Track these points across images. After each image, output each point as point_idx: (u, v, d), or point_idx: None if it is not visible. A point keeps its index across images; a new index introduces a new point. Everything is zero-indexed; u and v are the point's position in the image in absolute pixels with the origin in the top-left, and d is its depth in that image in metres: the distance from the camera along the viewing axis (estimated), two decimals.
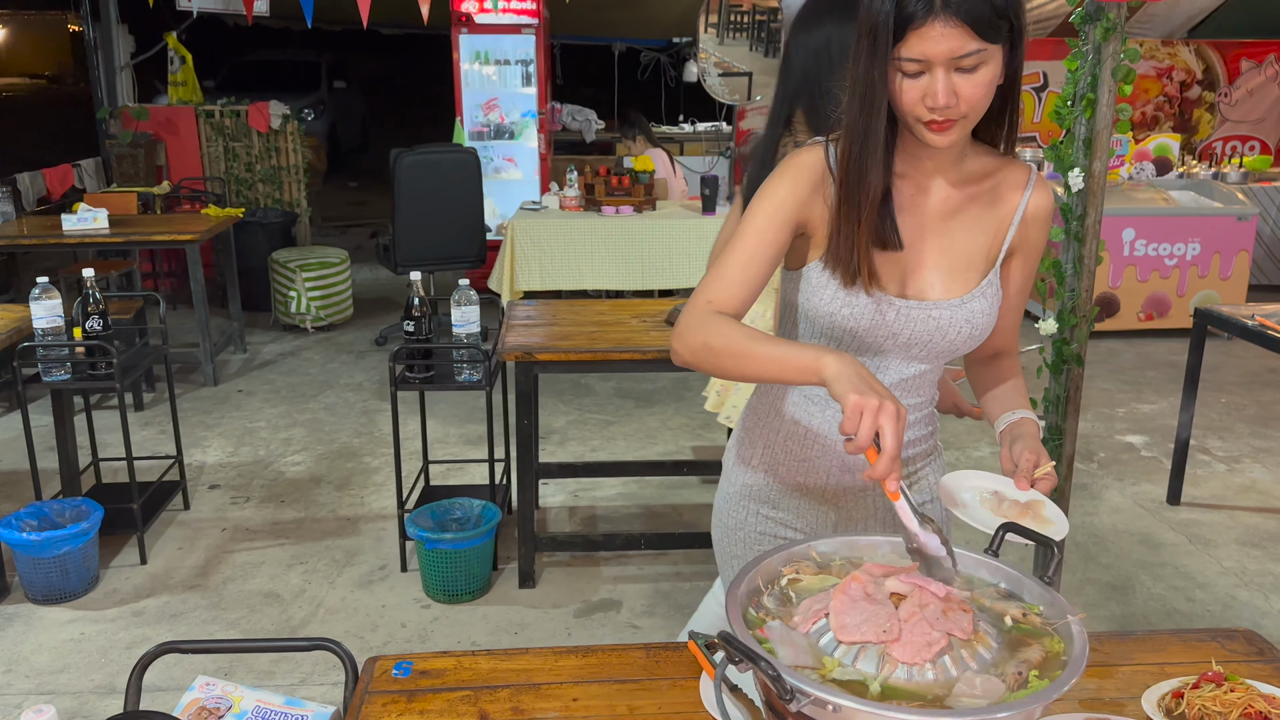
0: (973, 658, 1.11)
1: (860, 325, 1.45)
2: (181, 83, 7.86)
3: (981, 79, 1.29)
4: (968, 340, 1.48)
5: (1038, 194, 1.51)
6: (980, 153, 1.48)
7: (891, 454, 1.17)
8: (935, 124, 1.32)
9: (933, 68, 1.27)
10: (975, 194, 1.48)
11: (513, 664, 1.53)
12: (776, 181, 1.46)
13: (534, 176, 7.28)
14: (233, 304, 6.04)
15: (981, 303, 1.47)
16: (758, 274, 1.43)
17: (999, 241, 1.50)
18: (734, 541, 1.67)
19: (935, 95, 1.28)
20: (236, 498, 4.13)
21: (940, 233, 1.47)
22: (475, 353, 3.37)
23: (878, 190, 1.38)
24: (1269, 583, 3.51)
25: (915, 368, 1.51)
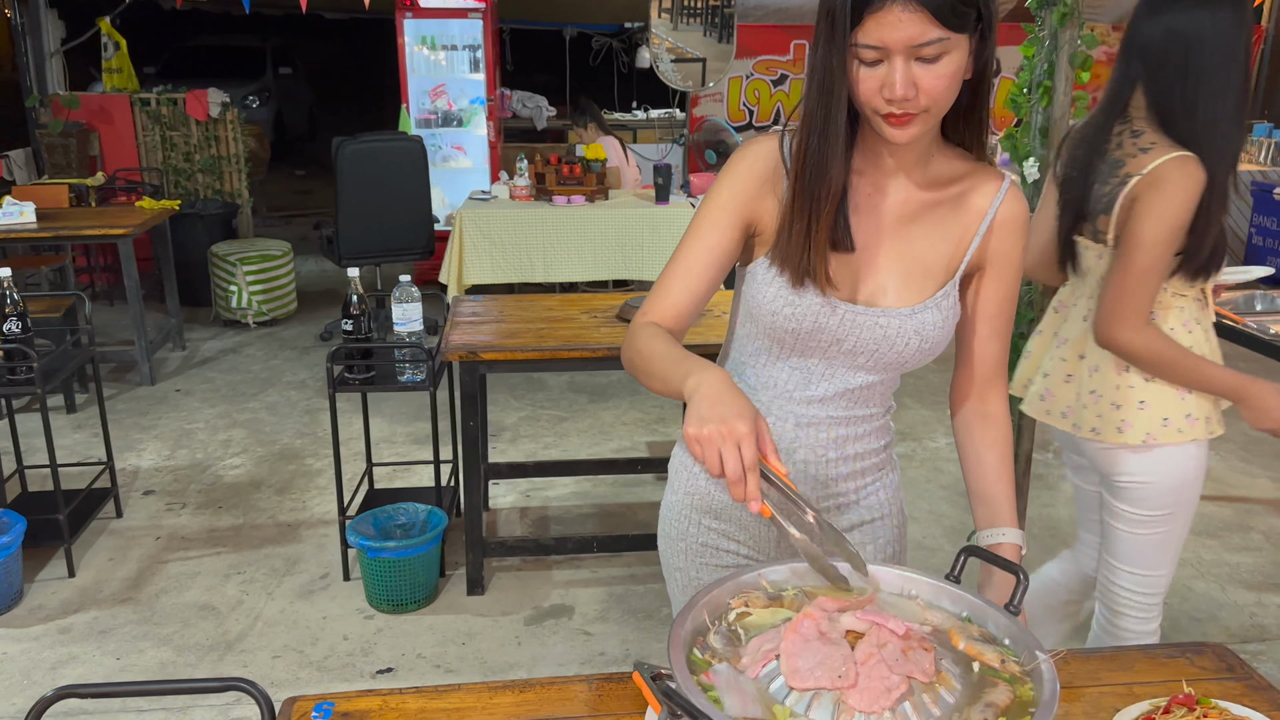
0: (935, 702, 1.02)
1: (803, 327, 1.36)
2: (116, 69, 7.59)
3: (944, 70, 1.20)
4: (917, 353, 1.38)
5: (1009, 202, 1.40)
6: (949, 155, 1.39)
7: (734, 478, 1.09)
8: (894, 117, 1.23)
9: (891, 56, 1.18)
10: (939, 199, 1.38)
11: (444, 702, 1.42)
12: (722, 180, 1.38)
13: (484, 165, 7.12)
14: (170, 299, 5.84)
15: (935, 314, 1.37)
16: (700, 282, 1.37)
17: (961, 251, 1.39)
18: (677, 553, 1.58)
19: (893, 86, 1.19)
20: (172, 504, 3.97)
21: (898, 237, 1.38)
22: (418, 352, 3.24)
23: (837, 186, 1.29)
24: (1225, 573, 3.50)
25: (863, 378, 1.41)
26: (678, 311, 1.37)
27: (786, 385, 1.43)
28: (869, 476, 1.52)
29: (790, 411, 1.44)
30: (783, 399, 1.44)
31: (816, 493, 1.48)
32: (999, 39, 1.34)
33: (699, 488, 1.52)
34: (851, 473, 1.49)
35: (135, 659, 2.99)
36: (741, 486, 1.09)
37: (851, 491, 1.51)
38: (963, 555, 1.26)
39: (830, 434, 1.45)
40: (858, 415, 1.46)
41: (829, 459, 1.47)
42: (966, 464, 1.51)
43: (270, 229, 8.77)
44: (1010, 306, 1.46)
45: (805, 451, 1.46)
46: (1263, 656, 3.02)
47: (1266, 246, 7.28)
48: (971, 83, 1.27)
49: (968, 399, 1.51)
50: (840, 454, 1.47)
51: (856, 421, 1.46)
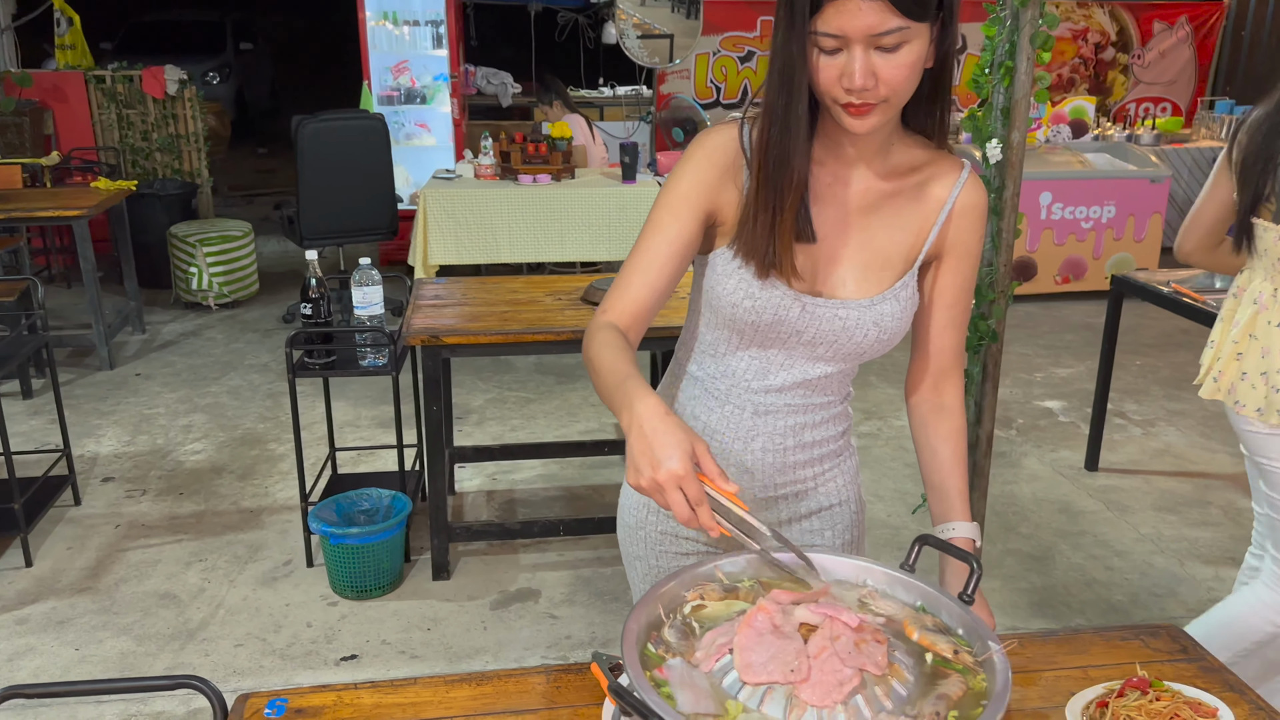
0: (887, 695, 1.01)
1: (763, 320, 1.35)
2: (70, 46, 7.43)
3: (904, 60, 1.18)
4: (875, 344, 1.38)
5: (968, 191, 1.39)
6: (911, 144, 1.37)
7: (684, 520, 1.10)
8: (853, 107, 1.21)
9: (850, 45, 1.17)
10: (900, 188, 1.37)
11: (399, 697, 1.40)
12: (680, 170, 1.36)
13: (448, 143, 7.04)
14: (129, 282, 5.73)
15: (893, 305, 1.37)
16: (661, 275, 1.35)
17: (920, 241, 1.39)
18: (636, 541, 1.57)
19: (852, 75, 1.17)
20: (132, 491, 3.91)
21: (858, 227, 1.37)
22: (379, 336, 3.20)
23: (801, 176, 1.28)
24: (1184, 548, 3.55)
25: (822, 368, 1.41)
26: (638, 307, 1.36)
27: (745, 374, 1.43)
28: (827, 464, 1.51)
29: (748, 400, 1.44)
30: (740, 388, 1.43)
31: (775, 480, 1.48)
32: (964, 15, 1.33)
33: None
34: (809, 460, 1.49)
35: (95, 649, 2.96)
36: (694, 523, 1.10)
37: (810, 479, 1.50)
38: (917, 545, 1.26)
39: (788, 422, 1.45)
40: (816, 404, 1.45)
41: (787, 446, 1.46)
42: (922, 456, 1.51)
43: (231, 209, 8.64)
44: (968, 296, 1.45)
45: (763, 439, 1.45)
46: None
47: None
48: (933, 71, 1.26)
49: (922, 388, 1.51)
50: (798, 441, 1.46)
51: (814, 409, 1.46)
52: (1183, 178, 7.48)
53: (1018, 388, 5.07)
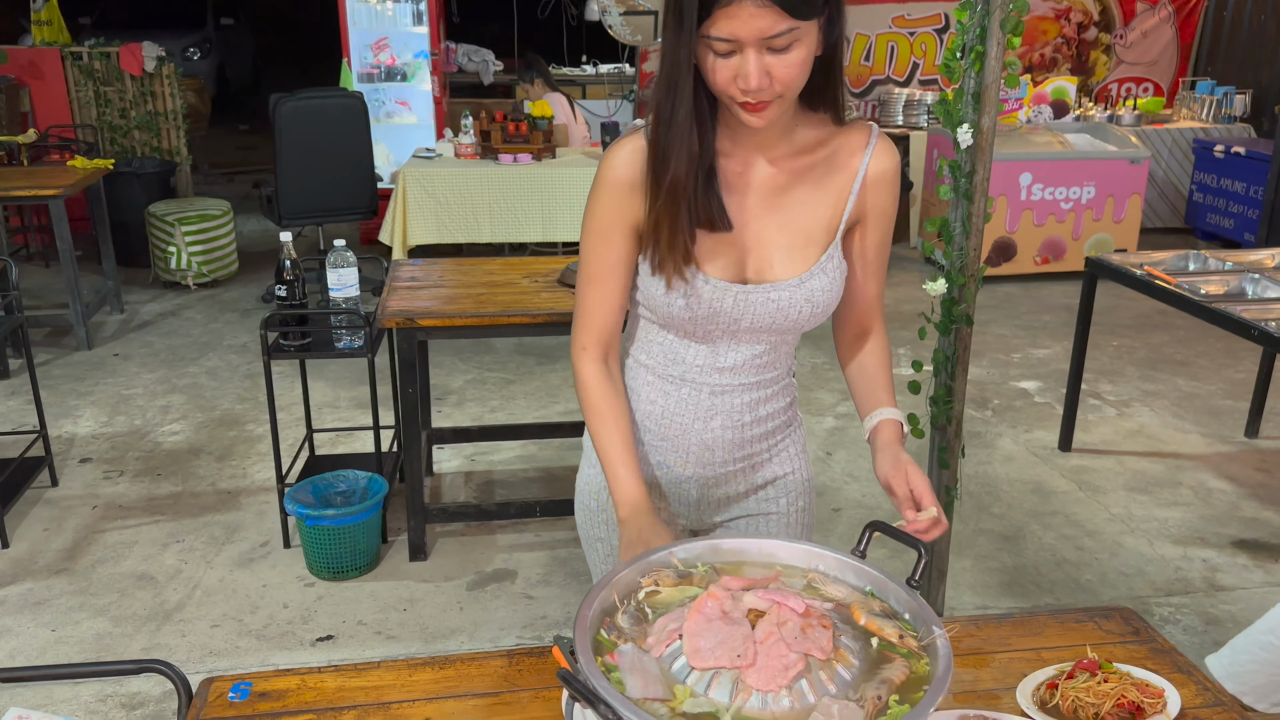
0: (832, 679, 1.03)
1: (699, 315, 1.41)
2: (46, 22, 7.35)
3: (795, 58, 1.22)
4: (810, 318, 1.43)
5: (879, 155, 1.43)
6: (813, 121, 1.41)
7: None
8: (750, 105, 1.25)
9: (744, 48, 1.20)
10: (810, 164, 1.41)
11: (363, 680, 1.42)
12: (594, 196, 1.43)
13: (429, 121, 7.01)
14: (106, 261, 5.70)
15: (821, 279, 1.42)
16: (617, 293, 1.45)
17: (839, 212, 1.43)
18: (598, 524, 1.60)
19: (747, 77, 1.21)
20: (109, 472, 3.91)
21: (775, 209, 1.41)
22: (354, 318, 3.20)
23: (685, 172, 1.32)
24: (1154, 528, 3.59)
25: (763, 344, 1.47)
26: (606, 325, 1.46)
27: (695, 361, 1.48)
28: (779, 435, 1.58)
29: (704, 382, 1.49)
30: (694, 372, 1.49)
31: (734, 455, 1.54)
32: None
33: None
34: (764, 433, 1.55)
35: (71, 630, 2.97)
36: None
37: (765, 451, 1.57)
38: (868, 531, 1.28)
39: (744, 399, 1.51)
40: (766, 379, 1.52)
41: (744, 422, 1.52)
42: (850, 375, 1.59)
43: (212, 187, 8.59)
44: (885, 249, 1.52)
45: (722, 417, 1.51)
46: (1185, 609, 3.12)
47: (1206, 203, 7.40)
48: (823, 59, 1.29)
49: (849, 333, 1.58)
50: (754, 416, 1.53)
51: (765, 385, 1.52)
52: (1163, 158, 7.52)
53: (995, 368, 5.10)
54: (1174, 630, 3.00)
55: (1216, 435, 4.34)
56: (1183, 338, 5.49)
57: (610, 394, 1.46)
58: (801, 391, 4.69)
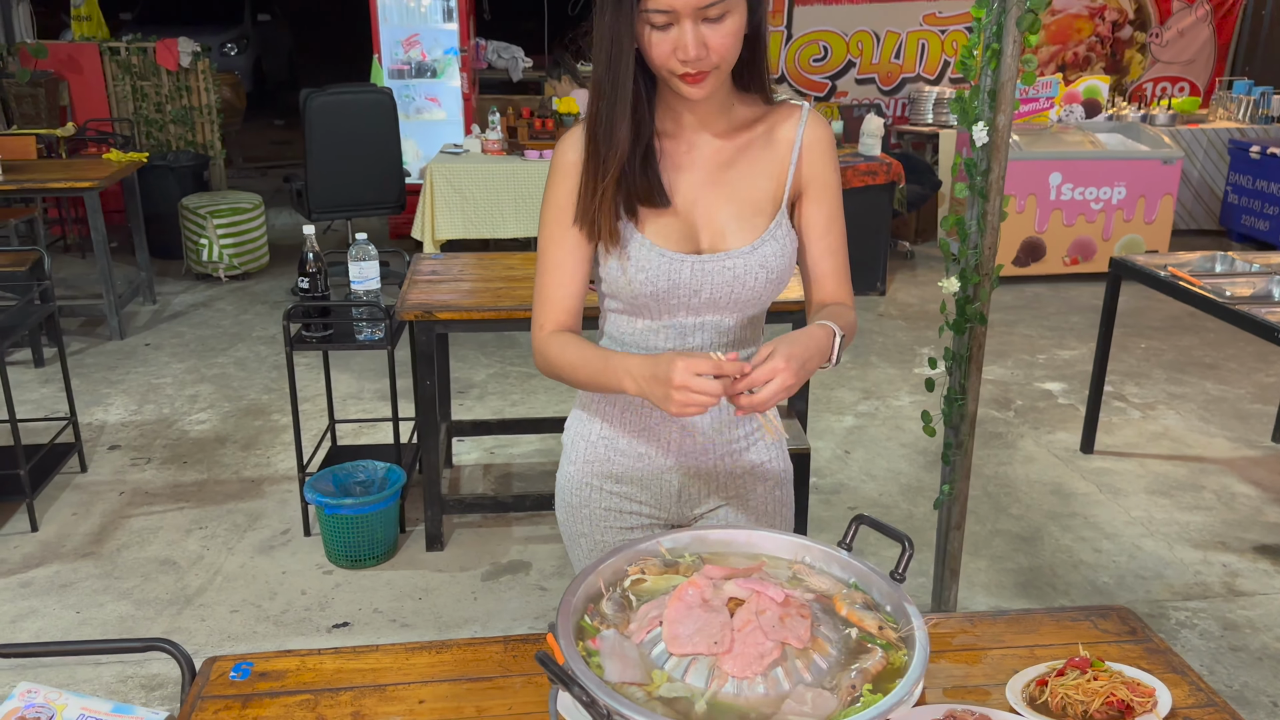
0: (807, 668, 1.05)
1: (659, 288, 1.44)
2: (85, 17, 7.49)
3: (729, 28, 1.30)
4: (766, 285, 1.46)
5: (811, 126, 1.49)
6: (747, 101, 1.48)
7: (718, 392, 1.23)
8: (690, 76, 1.32)
9: (680, 19, 1.27)
10: (749, 140, 1.48)
11: (360, 663, 1.45)
12: (549, 186, 1.48)
13: (458, 117, 7.06)
14: (140, 253, 5.80)
15: (773, 245, 1.46)
16: (574, 279, 1.48)
17: (782, 183, 1.49)
18: (580, 520, 1.61)
19: (686, 47, 1.28)
20: (137, 459, 3.99)
21: (721, 183, 1.46)
22: (375, 311, 3.24)
23: (625, 145, 1.38)
24: (1174, 532, 3.56)
25: (730, 319, 1.49)
26: (563, 309, 1.48)
27: (665, 345, 1.50)
28: (756, 421, 1.59)
29: None
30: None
31: (714, 440, 1.55)
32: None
33: (598, 454, 1.57)
34: (742, 419, 1.56)
35: (95, 613, 3.03)
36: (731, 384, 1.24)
37: (742, 437, 1.58)
38: (854, 524, 1.29)
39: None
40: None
41: (721, 405, 1.52)
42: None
43: (246, 180, 8.70)
44: (837, 224, 1.54)
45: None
46: (1203, 614, 3.09)
47: (1242, 205, 7.29)
48: (749, 38, 1.37)
49: (814, 307, 1.57)
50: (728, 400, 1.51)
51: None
52: (1197, 159, 7.41)
53: (1019, 369, 5.07)
54: (1190, 635, 2.98)
55: (1243, 439, 4.28)
56: (1212, 340, 5.42)
57: (577, 337, 1.47)
58: (821, 390, 4.69)
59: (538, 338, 1.49)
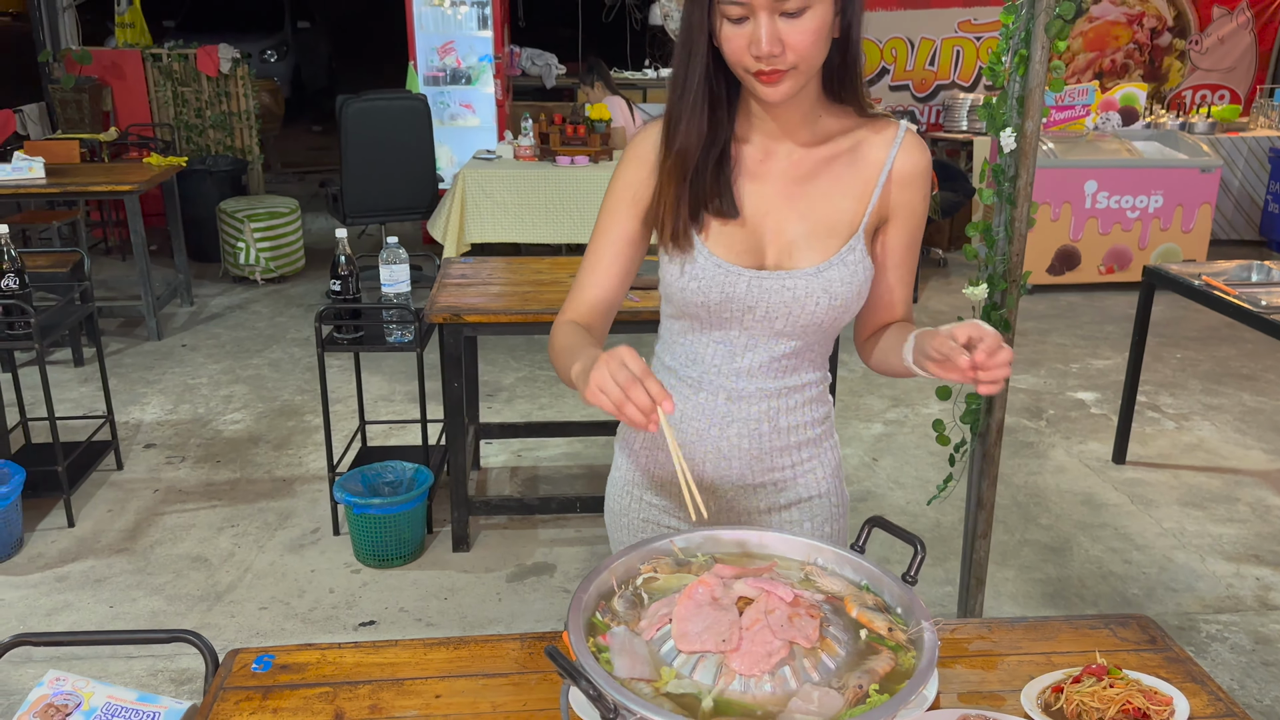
0: (815, 667, 1.05)
1: (711, 299, 1.37)
2: (129, 24, 7.63)
3: (808, 25, 1.21)
4: (829, 312, 1.37)
5: (906, 152, 1.39)
6: (838, 113, 1.39)
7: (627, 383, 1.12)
8: (764, 75, 1.24)
9: (755, 12, 1.21)
10: (833, 155, 1.39)
11: (379, 657, 1.47)
12: (617, 172, 1.43)
13: (492, 123, 7.12)
14: (178, 255, 5.90)
15: (841, 270, 1.36)
16: (610, 275, 1.43)
17: (864, 204, 1.39)
18: (621, 527, 1.61)
19: (759, 42, 1.21)
20: (171, 457, 4.06)
21: (797, 198, 1.38)
22: (405, 313, 3.28)
23: (695, 141, 1.32)
24: (1206, 544, 3.51)
25: (787, 344, 1.41)
26: (591, 306, 1.43)
27: (713, 360, 1.44)
28: (805, 452, 1.50)
29: (720, 386, 1.45)
30: (712, 373, 1.45)
31: (753, 468, 1.48)
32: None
33: (641, 464, 1.55)
34: (786, 446, 1.48)
35: (128, 607, 3.09)
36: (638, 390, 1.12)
37: (787, 467, 1.50)
38: (867, 526, 1.30)
39: (762, 407, 1.45)
40: (789, 386, 1.45)
41: (762, 432, 1.46)
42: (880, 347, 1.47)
43: (284, 185, 8.82)
44: (914, 250, 1.46)
45: (739, 425, 1.45)
46: (1234, 627, 3.04)
47: None
48: (840, 42, 1.29)
49: (867, 329, 1.51)
50: (774, 426, 1.46)
51: (788, 393, 1.46)
52: (1238, 168, 7.31)
53: (1052, 378, 5.02)
54: (1221, 648, 2.94)
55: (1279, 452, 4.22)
56: (1250, 351, 5.34)
57: (579, 329, 1.40)
58: (850, 397, 4.67)
59: (555, 322, 1.44)
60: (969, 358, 1.18)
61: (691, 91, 1.29)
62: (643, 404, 1.12)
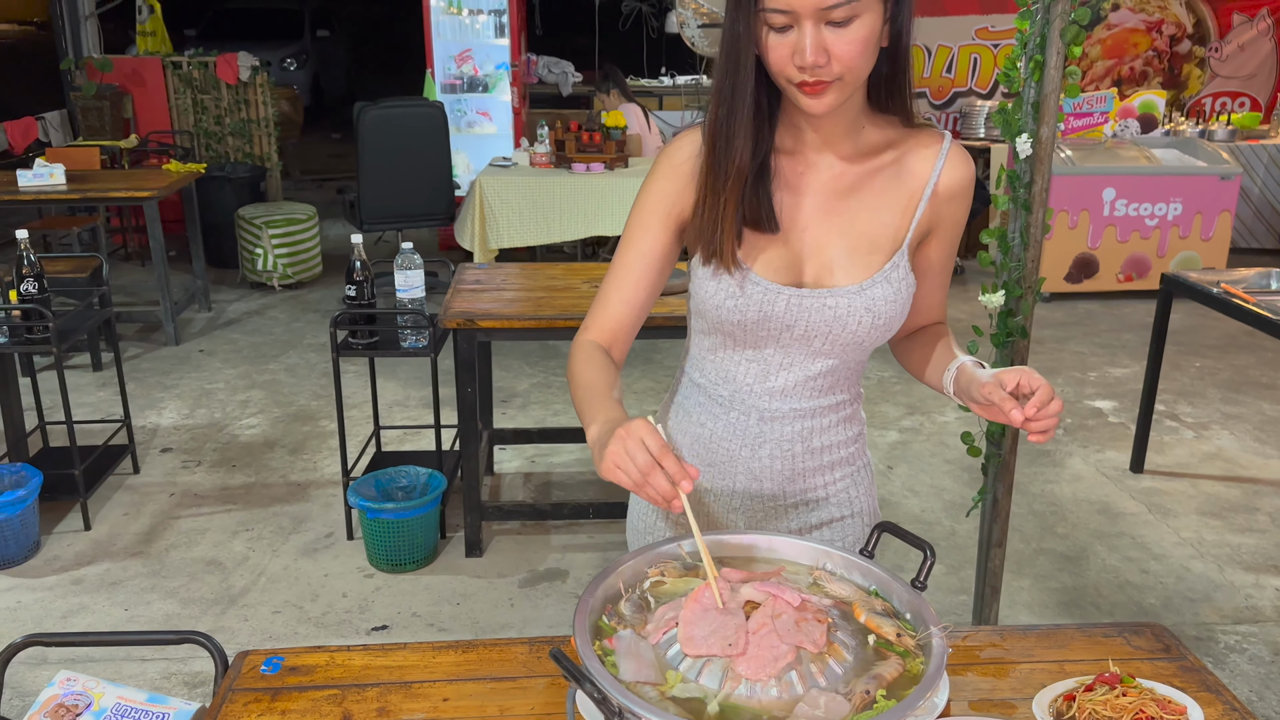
0: (822, 672, 1.05)
1: (748, 318, 1.33)
2: (150, 33, 7.71)
3: (855, 35, 1.16)
4: (871, 331, 1.34)
5: (952, 166, 1.35)
6: (881, 124, 1.34)
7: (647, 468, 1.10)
8: (808, 85, 1.19)
9: (800, 21, 1.15)
10: (877, 168, 1.34)
11: (388, 660, 1.47)
12: (647, 183, 1.37)
13: (508, 131, 7.15)
14: (197, 261, 5.95)
15: (885, 289, 1.32)
16: (638, 290, 1.38)
17: (907, 220, 1.34)
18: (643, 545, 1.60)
19: (803, 52, 1.16)
20: (188, 462, 4.08)
21: (837, 212, 1.33)
22: (419, 319, 3.29)
23: (745, 157, 1.27)
24: (1225, 554, 3.47)
25: (823, 363, 1.37)
26: (617, 324, 1.39)
27: (745, 379, 1.40)
28: (838, 470, 1.48)
29: (752, 406, 1.42)
30: (744, 393, 1.42)
31: (784, 488, 1.46)
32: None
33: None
34: (819, 466, 1.46)
35: (143, 610, 3.10)
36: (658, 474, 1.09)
37: (820, 487, 1.47)
38: (876, 531, 1.29)
39: (795, 427, 1.42)
40: (823, 405, 1.42)
41: (795, 453, 1.44)
42: (915, 355, 1.48)
43: (302, 192, 8.88)
44: (952, 257, 1.45)
45: (771, 446, 1.43)
46: (1253, 638, 3.01)
47: None
48: (889, 50, 1.24)
49: (903, 331, 1.50)
50: (806, 447, 1.44)
51: (822, 412, 1.43)
52: (1258, 175, 7.25)
53: (1070, 386, 4.98)
54: (1239, 659, 2.90)
55: None
56: (1270, 360, 5.28)
57: (601, 356, 1.35)
58: (866, 405, 4.63)
59: (577, 338, 1.40)
60: (1019, 411, 1.18)
61: (745, 106, 1.24)
62: (663, 490, 1.10)
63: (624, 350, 1.41)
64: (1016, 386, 1.21)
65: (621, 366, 1.40)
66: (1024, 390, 1.21)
